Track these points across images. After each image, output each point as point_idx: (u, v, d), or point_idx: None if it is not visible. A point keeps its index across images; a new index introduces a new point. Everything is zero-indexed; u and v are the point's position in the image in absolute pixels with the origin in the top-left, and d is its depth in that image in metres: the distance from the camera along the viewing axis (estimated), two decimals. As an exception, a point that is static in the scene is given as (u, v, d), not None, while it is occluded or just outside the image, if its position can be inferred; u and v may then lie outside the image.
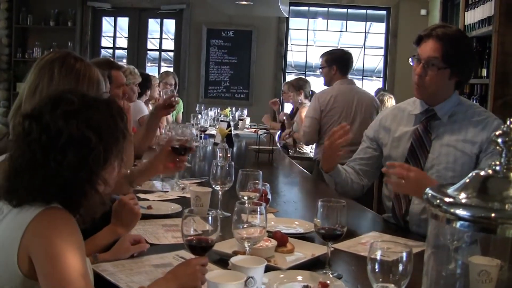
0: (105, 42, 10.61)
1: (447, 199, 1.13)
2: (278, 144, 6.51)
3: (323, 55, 5.85)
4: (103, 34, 10.57)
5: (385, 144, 3.04)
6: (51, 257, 1.57)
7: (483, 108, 3.02)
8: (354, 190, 3.08)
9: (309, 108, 5.77)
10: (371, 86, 10.14)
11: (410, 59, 2.87)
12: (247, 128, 7.65)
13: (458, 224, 1.10)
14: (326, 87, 5.78)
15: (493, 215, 1.06)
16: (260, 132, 5.98)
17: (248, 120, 7.96)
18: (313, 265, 2.15)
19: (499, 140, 1.16)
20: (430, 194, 1.17)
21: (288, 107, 8.95)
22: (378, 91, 9.17)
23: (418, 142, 2.87)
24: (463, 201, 1.12)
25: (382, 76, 10.10)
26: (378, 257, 1.53)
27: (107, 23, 10.55)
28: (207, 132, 6.08)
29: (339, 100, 5.52)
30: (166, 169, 2.67)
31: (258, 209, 1.97)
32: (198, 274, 1.78)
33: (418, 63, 2.79)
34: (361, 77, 10.39)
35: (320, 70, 5.89)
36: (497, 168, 1.15)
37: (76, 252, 1.59)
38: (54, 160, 1.62)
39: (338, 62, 5.70)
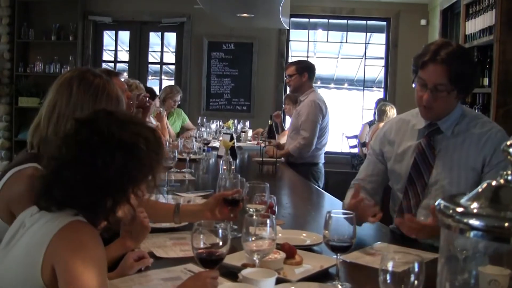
0: (106, 55, 10.62)
1: (459, 209, 1.14)
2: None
3: (291, 65, 6.19)
4: (104, 47, 10.57)
5: (389, 158, 3.03)
6: (69, 273, 1.60)
7: (486, 118, 3.00)
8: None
9: (315, 114, 5.83)
10: (372, 96, 10.14)
11: (413, 84, 2.84)
12: (250, 140, 7.65)
13: (471, 234, 1.10)
14: (308, 95, 6.03)
15: (506, 224, 1.06)
16: (263, 144, 5.98)
17: (250, 132, 7.97)
18: (322, 276, 2.16)
19: (511, 150, 1.16)
20: (442, 205, 1.18)
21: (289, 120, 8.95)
22: (378, 101, 9.18)
23: (421, 157, 2.86)
24: (476, 211, 1.12)
25: (383, 86, 10.09)
26: (390, 268, 1.54)
27: (108, 37, 10.57)
28: (210, 145, 6.09)
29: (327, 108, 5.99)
30: (214, 217, 2.62)
31: (268, 222, 1.98)
32: (208, 287, 1.79)
33: (424, 88, 2.75)
34: (362, 87, 10.39)
35: (288, 78, 6.14)
36: (509, 177, 1.15)
37: (94, 269, 1.62)
38: (102, 160, 1.68)
39: (308, 70, 6.05)
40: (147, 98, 4.86)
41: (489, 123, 2.86)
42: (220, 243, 1.84)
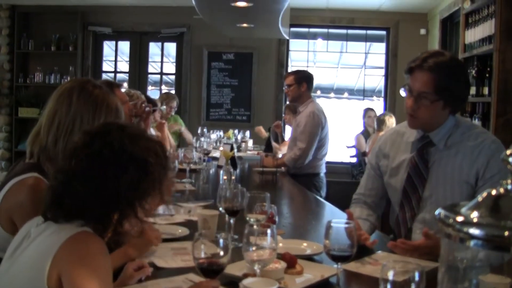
0: (106, 66, 10.64)
1: (459, 218, 1.14)
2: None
3: (289, 75, 6.21)
4: (104, 58, 10.60)
5: (385, 172, 3.02)
6: (75, 283, 1.60)
7: (480, 128, 2.96)
8: (376, 227, 3.08)
9: (313, 125, 5.83)
10: (372, 106, 10.13)
11: (401, 90, 2.83)
12: (250, 150, 7.65)
13: (472, 243, 1.11)
14: (307, 106, 6.05)
15: (506, 233, 1.06)
16: (263, 154, 5.99)
17: (250, 142, 7.96)
18: (323, 286, 2.16)
19: (511, 159, 1.16)
20: (442, 214, 1.18)
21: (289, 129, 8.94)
22: (366, 111, 9.21)
23: (415, 170, 2.84)
24: (476, 220, 1.12)
25: (383, 96, 10.09)
26: (390, 277, 1.53)
27: (108, 47, 10.59)
28: (210, 155, 6.09)
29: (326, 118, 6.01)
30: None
31: (268, 231, 1.98)
32: (209, 296, 1.79)
33: (410, 94, 2.74)
34: (362, 97, 10.40)
35: (287, 88, 6.16)
36: (509, 187, 1.15)
37: (100, 280, 1.63)
38: (112, 173, 1.70)
39: (307, 80, 6.07)
40: (145, 103, 4.87)
41: (483, 134, 2.81)
42: (221, 253, 1.84)
